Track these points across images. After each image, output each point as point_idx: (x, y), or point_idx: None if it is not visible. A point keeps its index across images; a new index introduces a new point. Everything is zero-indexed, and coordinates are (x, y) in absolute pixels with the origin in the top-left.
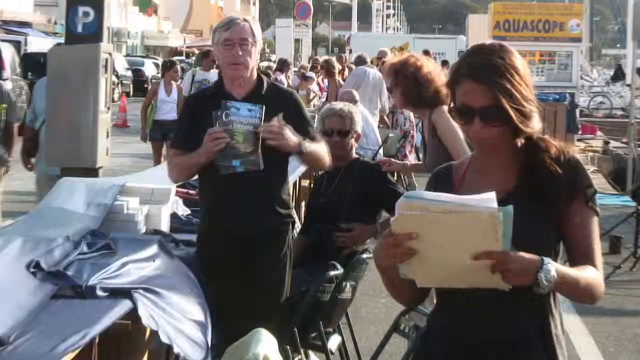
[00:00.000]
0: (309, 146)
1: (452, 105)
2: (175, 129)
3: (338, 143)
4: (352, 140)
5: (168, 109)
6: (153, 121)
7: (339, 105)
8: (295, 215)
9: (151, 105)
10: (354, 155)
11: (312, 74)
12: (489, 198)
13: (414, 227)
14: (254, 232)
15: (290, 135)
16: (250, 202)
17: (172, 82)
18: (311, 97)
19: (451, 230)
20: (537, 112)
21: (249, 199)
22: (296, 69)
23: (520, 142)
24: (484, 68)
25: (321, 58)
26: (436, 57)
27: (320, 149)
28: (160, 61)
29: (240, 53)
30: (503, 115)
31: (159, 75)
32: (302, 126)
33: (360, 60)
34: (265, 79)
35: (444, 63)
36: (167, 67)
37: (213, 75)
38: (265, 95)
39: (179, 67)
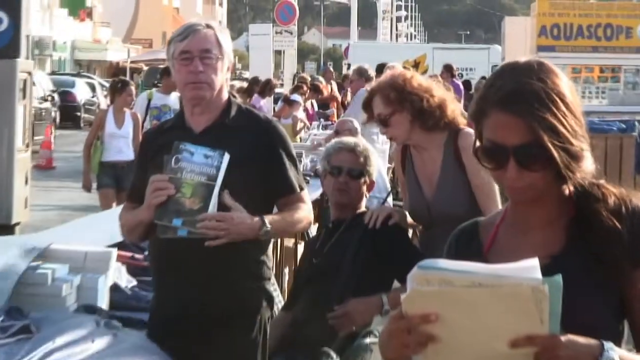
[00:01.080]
0: (275, 222)
1: (477, 144)
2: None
3: (345, 186)
4: (364, 187)
5: (120, 145)
6: (100, 163)
7: (352, 139)
8: (273, 287)
9: (96, 142)
10: (363, 207)
11: (298, 97)
12: (531, 266)
13: (432, 306)
14: (213, 312)
15: (243, 219)
16: (206, 273)
17: (125, 109)
18: (298, 127)
19: (482, 309)
20: (589, 150)
21: (205, 268)
22: (279, 90)
23: (568, 189)
24: (519, 95)
25: (308, 75)
26: (462, 73)
27: (297, 213)
28: (96, 81)
29: (201, 69)
30: (545, 156)
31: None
32: (281, 174)
33: (361, 75)
34: (235, 103)
35: (466, 85)
36: (119, 90)
37: (174, 99)
38: (231, 127)
39: (132, 88)
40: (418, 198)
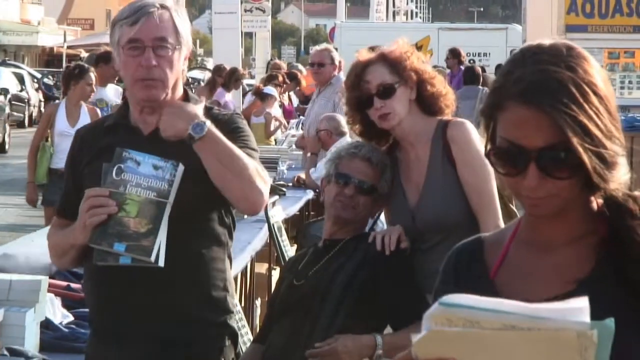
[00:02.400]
0: (214, 132)
1: (489, 145)
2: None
3: (351, 200)
4: (373, 206)
5: None
6: (48, 170)
7: (367, 145)
8: (239, 323)
9: (43, 144)
10: (366, 229)
11: (272, 90)
12: (578, 307)
13: (452, 350)
14: (166, 353)
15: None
16: (156, 306)
17: (82, 102)
18: (272, 127)
19: (514, 357)
20: (624, 155)
21: (155, 301)
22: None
23: (597, 202)
24: (544, 86)
25: (283, 62)
26: (474, 59)
27: (246, 158)
28: (25, 70)
29: (155, 62)
30: (573, 161)
31: (35, 92)
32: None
33: (332, 61)
34: (193, 99)
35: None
36: (75, 77)
37: (112, 92)
38: None
39: (93, 76)
40: (400, 206)
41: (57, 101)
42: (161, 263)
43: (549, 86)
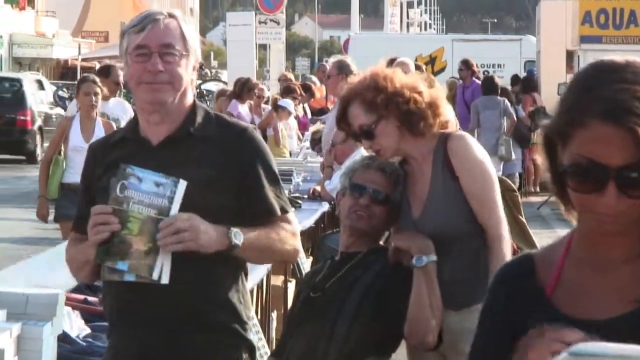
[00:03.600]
0: (249, 237)
1: (565, 162)
2: None
3: (366, 210)
4: (388, 216)
5: None
6: (60, 186)
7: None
8: (256, 336)
9: (57, 158)
10: (382, 240)
11: (287, 102)
12: None
13: None
14: None
15: (207, 229)
16: (172, 319)
17: (97, 116)
18: (281, 139)
19: None
20: None
21: (171, 314)
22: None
23: None
24: (627, 105)
25: (290, 74)
26: (488, 70)
27: (277, 233)
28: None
29: (161, 67)
30: None
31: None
32: (257, 195)
33: (341, 71)
34: (202, 108)
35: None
36: (77, 88)
37: (117, 107)
38: (196, 138)
39: (94, 86)
40: (404, 218)
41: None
42: (165, 280)
43: (632, 105)
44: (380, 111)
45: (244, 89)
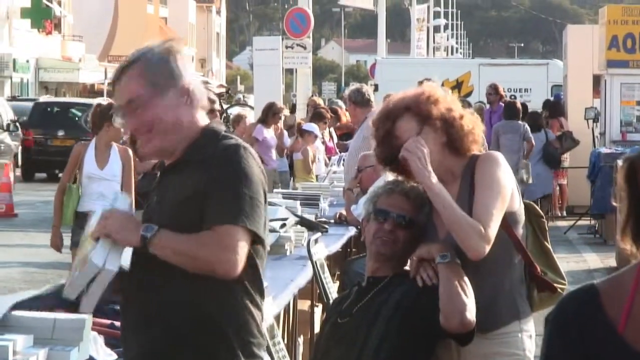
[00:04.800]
0: (167, 235)
1: None
2: None
3: (391, 235)
4: (414, 240)
5: (101, 191)
6: (75, 214)
7: (404, 181)
8: None
9: (70, 186)
10: (408, 264)
11: (312, 127)
12: None
13: None
14: None
15: (127, 221)
16: (146, 341)
17: (113, 142)
18: (311, 161)
19: None
20: None
21: (144, 335)
22: (288, 116)
23: None
24: None
25: (318, 98)
26: (515, 95)
27: (199, 240)
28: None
29: (131, 126)
30: None
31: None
32: (206, 197)
33: (363, 100)
34: (212, 131)
35: (522, 108)
36: (110, 117)
37: None
38: (191, 163)
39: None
40: (430, 240)
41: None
42: (110, 267)
43: None
44: (428, 123)
45: (269, 113)
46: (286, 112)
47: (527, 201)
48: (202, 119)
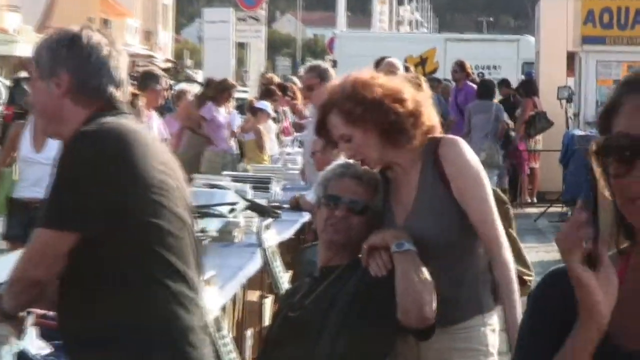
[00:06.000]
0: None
1: (596, 142)
2: None
3: (344, 222)
4: (368, 227)
5: (38, 176)
6: (8, 200)
7: (356, 164)
8: (229, 355)
9: (3, 171)
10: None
11: (265, 105)
12: None
13: None
14: None
15: None
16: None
17: None
18: (267, 143)
19: None
20: None
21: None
22: (244, 93)
23: None
24: None
25: (273, 75)
26: (484, 72)
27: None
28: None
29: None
30: None
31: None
32: None
33: (321, 78)
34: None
35: (486, 88)
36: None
37: None
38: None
39: None
40: (387, 226)
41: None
42: None
43: None
44: (358, 123)
45: (221, 91)
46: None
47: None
48: (89, 113)
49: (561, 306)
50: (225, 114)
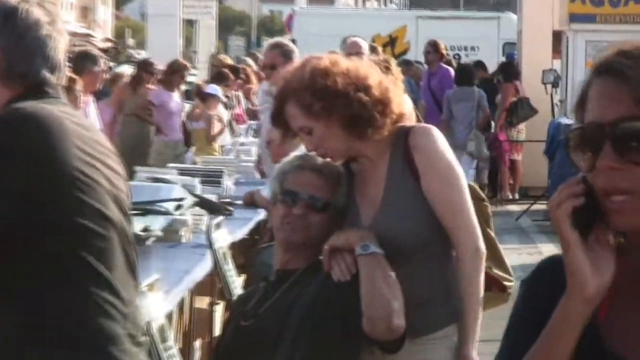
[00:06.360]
0: None
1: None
2: None
3: (302, 221)
4: (329, 225)
5: None
6: None
7: (318, 157)
8: None
9: None
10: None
11: (216, 90)
12: None
13: None
14: None
15: None
16: None
17: None
18: (215, 131)
19: None
20: None
21: None
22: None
23: None
24: (629, 55)
25: (225, 57)
26: (459, 54)
27: None
28: None
29: None
30: None
31: None
32: None
33: (285, 57)
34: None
35: (464, 71)
36: None
37: None
38: None
39: None
40: (351, 225)
41: None
42: None
43: (634, 55)
44: (320, 115)
45: (173, 73)
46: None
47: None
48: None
49: (555, 294)
50: (177, 99)
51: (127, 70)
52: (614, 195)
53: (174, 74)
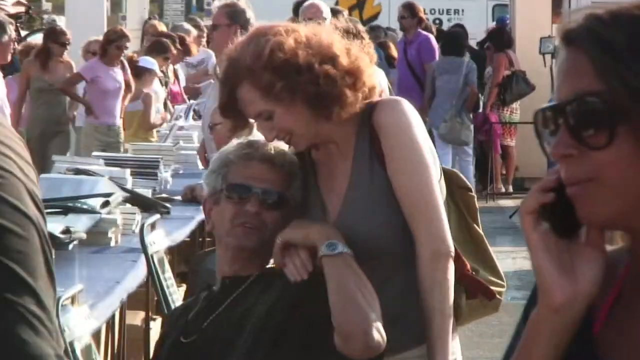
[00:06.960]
0: None
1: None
2: None
3: (256, 220)
4: (283, 223)
5: None
6: None
7: (268, 143)
8: None
9: None
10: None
11: (151, 63)
12: None
13: None
14: None
15: None
16: None
17: None
18: (153, 116)
19: None
20: None
21: None
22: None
23: None
24: (591, 28)
25: (159, 23)
26: (440, 19)
27: None
28: None
29: None
30: (612, 114)
31: None
32: None
33: (233, 20)
34: None
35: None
36: None
37: None
38: None
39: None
40: (317, 219)
41: None
42: None
43: (605, 21)
44: (280, 97)
45: (108, 44)
46: None
47: (447, 168)
48: None
49: None
50: (118, 77)
51: (32, 39)
52: (573, 186)
53: (109, 44)
